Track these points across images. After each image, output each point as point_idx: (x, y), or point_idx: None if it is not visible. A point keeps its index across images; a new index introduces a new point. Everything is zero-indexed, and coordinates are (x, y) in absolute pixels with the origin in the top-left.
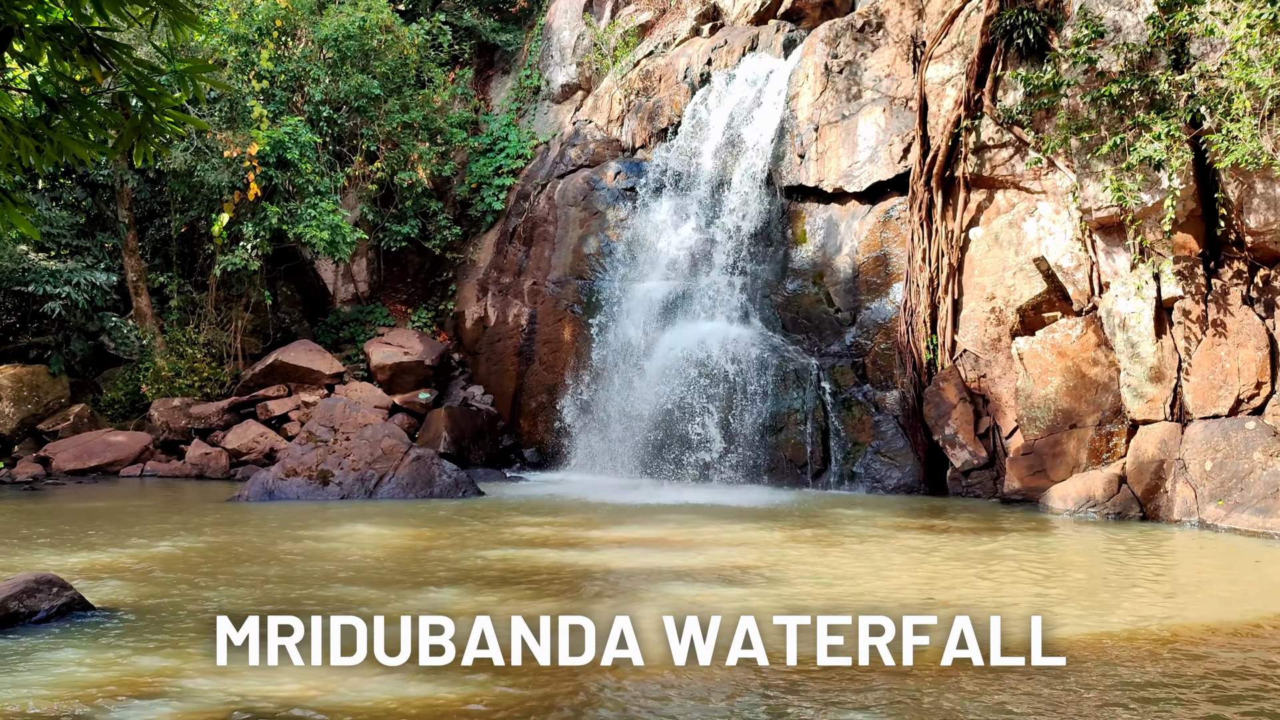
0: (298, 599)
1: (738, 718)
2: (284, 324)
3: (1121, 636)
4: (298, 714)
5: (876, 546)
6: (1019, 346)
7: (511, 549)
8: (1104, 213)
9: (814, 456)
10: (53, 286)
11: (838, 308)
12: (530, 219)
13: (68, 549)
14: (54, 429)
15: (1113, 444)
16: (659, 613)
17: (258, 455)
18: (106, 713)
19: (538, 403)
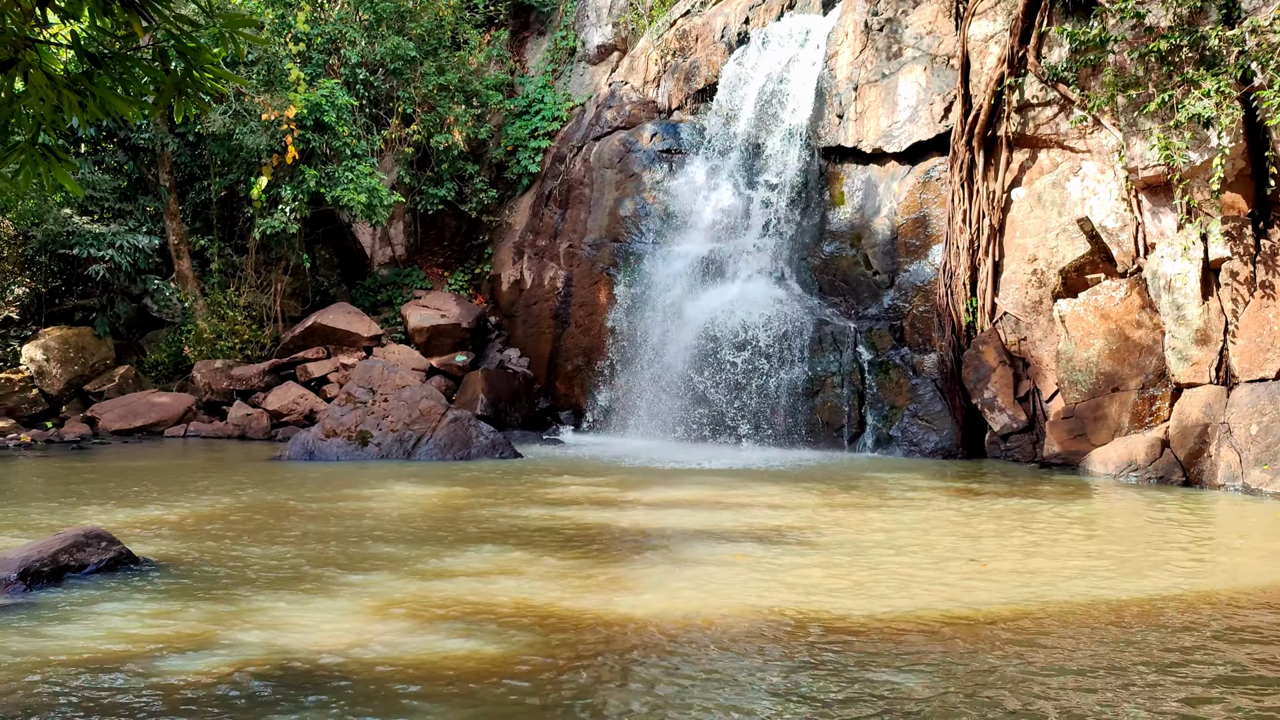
0: (338, 555)
1: (772, 671)
2: (322, 287)
3: (1159, 598)
4: (339, 667)
5: (914, 509)
6: (1061, 309)
7: (548, 509)
8: (1150, 172)
9: (850, 420)
10: (96, 249)
11: (876, 270)
12: (566, 181)
13: (115, 506)
14: (100, 390)
15: (1155, 408)
16: (694, 571)
17: (298, 416)
18: (154, 662)
19: (573, 365)
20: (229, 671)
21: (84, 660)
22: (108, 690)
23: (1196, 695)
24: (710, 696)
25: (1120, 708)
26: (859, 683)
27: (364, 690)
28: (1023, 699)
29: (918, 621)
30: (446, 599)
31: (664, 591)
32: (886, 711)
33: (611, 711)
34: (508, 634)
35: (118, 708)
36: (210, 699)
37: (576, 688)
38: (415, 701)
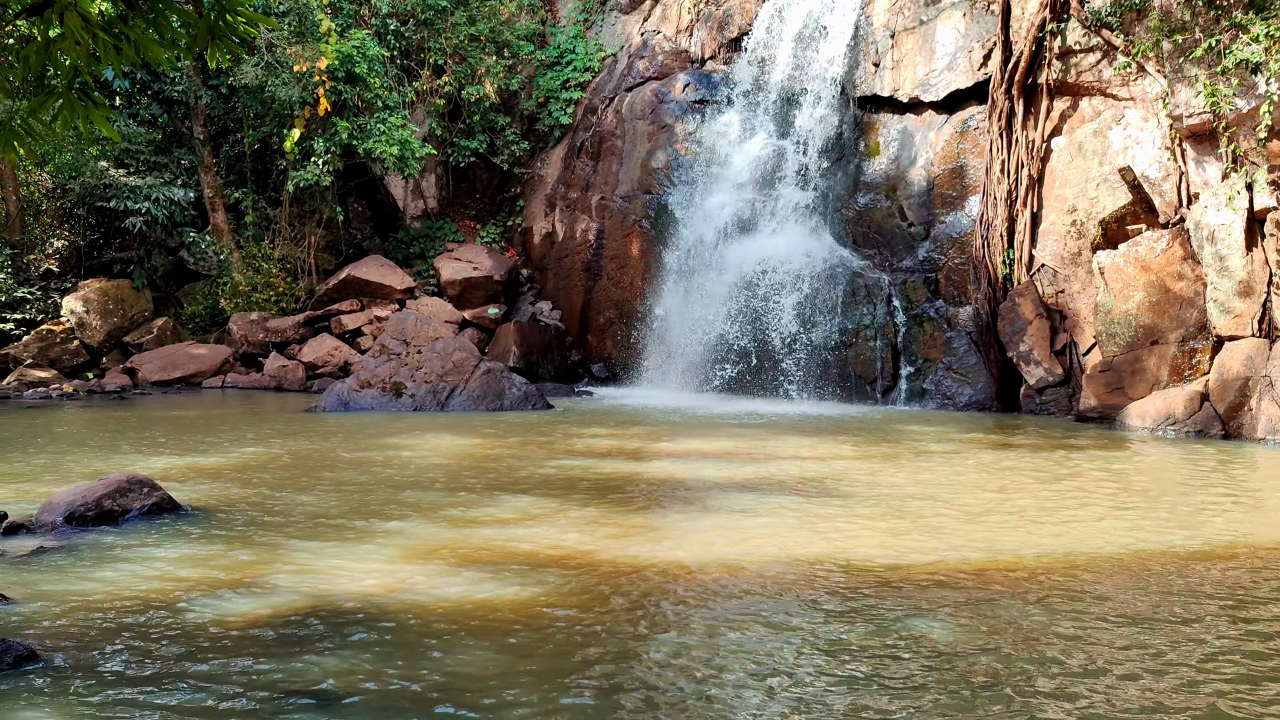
0: (375, 502)
1: (803, 617)
2: (355, 240)
3: (1195, 550)
4: (378, 609)
5: (947, 461)
6: (1100, 260)
7: (580, 459)
8: (1195, 120)
9: (883, 373)
10: (133, 202)
11: (911, 222)
12: (598, 133)
13: (156, 453)
14: (139, 341)
15: (1195, 361)
16: (726, 520)
17: (332, 368)
18: (196, 603)
19: (605, 318)
20: (269, 613)
21: (128, 600)
22: (151, 629)
23: (1226, 645)
24: (739, 641)
25: (1149, 655)
26: (891, 630)
27: (403, 631)
28: (1055, 646)
29: (950, 570)
30: (482, 545)
31: (695, 539)
32: (917, 657)
33: (643, 654)
34: (542, 579)
35: (161, 646)
36: (252, 639)
37: (609, 631)
38: (453, 642)
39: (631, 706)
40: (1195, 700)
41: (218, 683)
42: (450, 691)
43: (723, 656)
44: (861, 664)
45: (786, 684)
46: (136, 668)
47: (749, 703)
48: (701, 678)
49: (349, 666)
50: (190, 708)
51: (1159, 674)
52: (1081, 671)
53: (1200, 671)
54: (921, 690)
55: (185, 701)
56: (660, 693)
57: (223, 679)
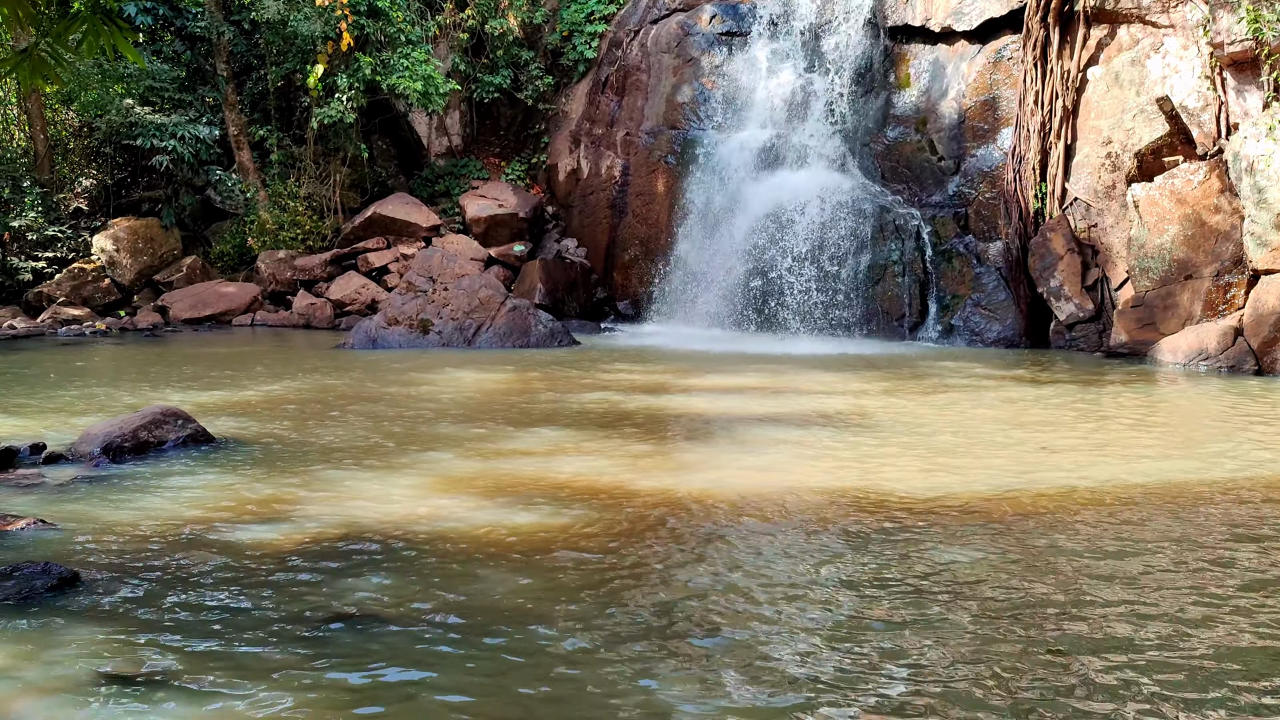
0: (405, 435)
1: (828, 545)
2: (380, 178)
3: (1224, 482)
4: (410, 536)
5: (975, 396)
6: (1135, 193)
7: (607, 394)
8: (1237, 47)
9: (911, 309)
10: (159, 140)
11: (941, 155)
12: (623, 67)
13: (189, 389)
14: (169, 280)
15: (1230, 295)
16: (753, 452)
17: (360, 306)
18: (232, 531)
19: (631, 255)
20: (303, 540)
21: (165, 527)
22: (188, 554)
23: (1252, 572)
24: (765, 566)
25: (1167, 578)
26: (915, 556)
27: (434, 556)
28: (1075, 571)
29: (977, 501)
30: (511, 475)
31: (723, 470)
32: (940, 581)
33: (672, 578)
34: (572, 508)
35: (198, 571)
36: (287, 564)
37: (639, 557)
38: (484, 567)
39: (661, 626)
40: (1216, 626)
41: (253, 605)
42: (481, 614)
43: (750, 581)
44: (888, 590)
45: (813, 606)
46: (175, 591)
47: (776, 623)
48: (730, 601)
49: (382, 591)
50: (226, 629)
51: (1181, 598)
52: (1104, 598)
53: (1223, 600)
54: (944, 611)
55: (221, 622)
56: (690, 614)
57: (258, 602)
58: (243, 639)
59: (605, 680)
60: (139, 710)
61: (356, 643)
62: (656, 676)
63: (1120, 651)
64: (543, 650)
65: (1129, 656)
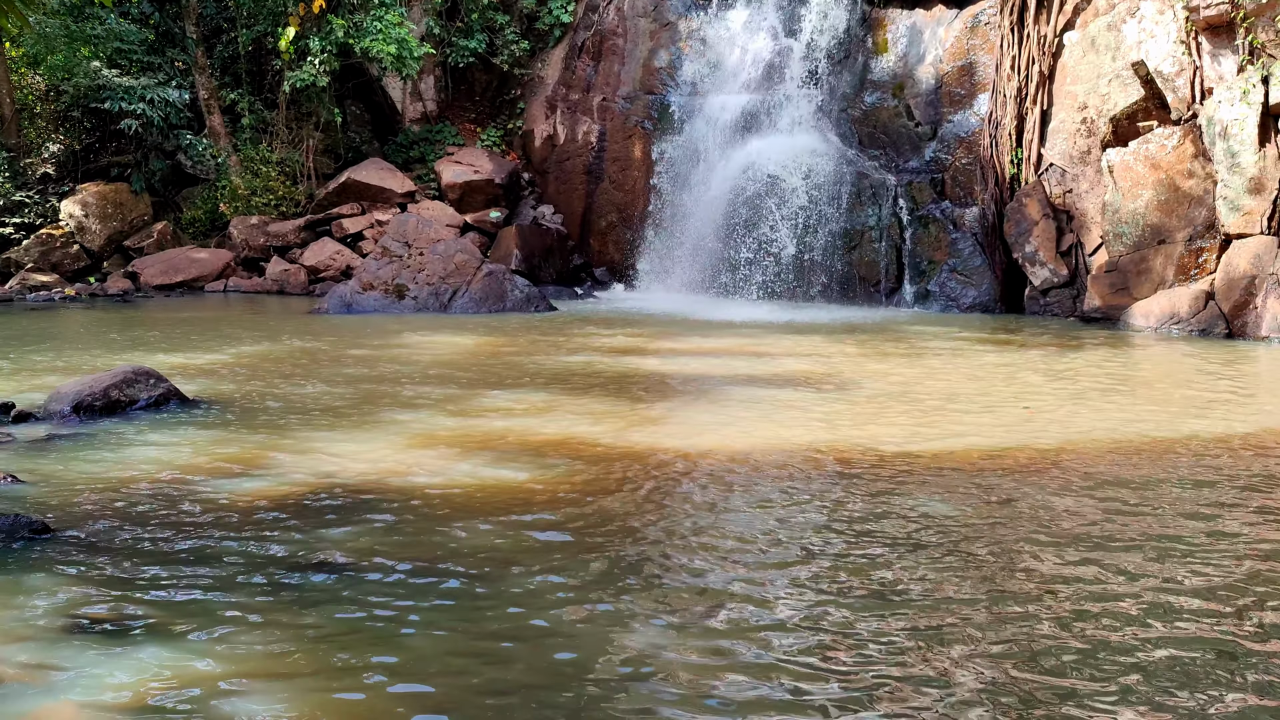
0: (380, 395)
1: (806, 497)
2: (354, 144)
3: (1191, 437)
4: (384, 490)
5: (951, 359)
6: (1110, 158)
7: (584, 356)
8: (1213, 10)
9: (888, 274)
10: (128, 103)
11: (918, 121)
12: (599, 32)
13: (161, 351)
14: (139, 246)
15: (1202, 260)
16: (730, 411)
17: (334, 272)
18: (206, 486)
19: (608, 221)
20: (278, 493)
21: (138, 482)
22: (162, 508)
23: (1208, 509)
24: (743, 518)
25: (1133, 525)
26: (891, 508)
27: (411, 509)
28: (1045, 519)
29: (950, 456)
30: (488, 433)
31: (702, 429)
32: (915, 528)
33: (650, 529)
34: (549, 463)
35: (172, 523)
36: (262, 516)
37: (615, 509)
38: (461, 518)
39: (639, 574)
40: (1173, 566)
41: (229, 556)
42: (459, 561)
43: (730, 532)
44: (868, 537)
45: (792, 552)
46: (148, 542)
47: (756, 572)
48: (711, 551)
49: (359, 541)
50: (201, 577)
51: (1148, 543)
52: (1080, 542)
53: (1188, 544)
54: (923, 555)
55: (196, 572)
56: (669, 563)
57: (234, 552)
58: (217, 587)
59: (577, 624)
60: (115, 654)
61: (331, 590)
62: (629, 620)
63: (1085, 585)
64: (516, 595)
65: (1093, 590)
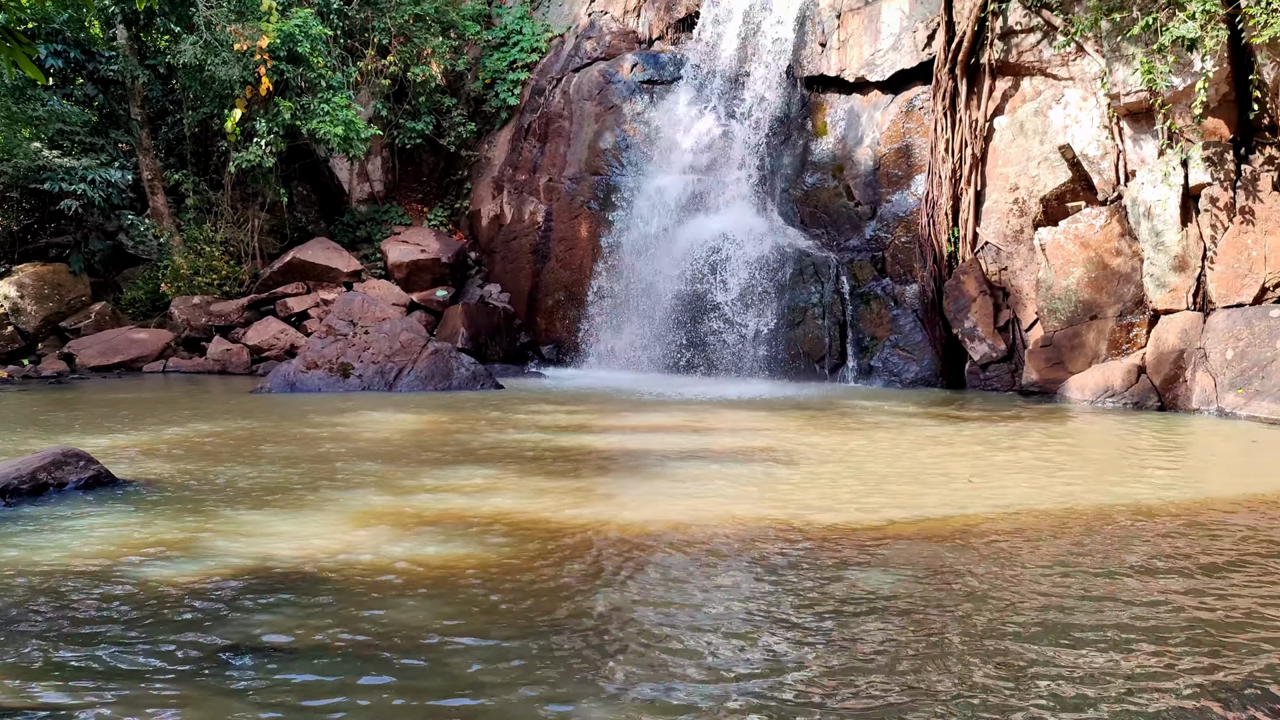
0: (320, 474)
1: (746, 571)
2: (300, 224)
3: (1125, 506)
4: (322, 571)
5: (893, 433)
6: (1041, 237)
7: (529, 433)
8: (1133, 98)
9: (831, 351)
10: (68, 184)
11: (857, 201)
12: (545, 114)
13: (94, 433)
14: (76, 327)
15: (1133, 335)
16: (673, 486)
17: (278, 351)
18: (137, 570)
19: (555, 300)
20: (211, 576)
21: (66, 568)
22: (85, 591)
23: (1145, 574)
24: (681, 595)
25: (1077, 594)
26: (832, 580)
27: (348, 589)
28: (987, 590)
29: (895, 529)
30: (429, 511)
31: (644, 503)
32: (855, 603)
33: (589, 606)
34: (490, 540)
35: (102, 611)
36: (191, 599)
37: (555, 586)
38: (399, 598)
39: (576, 655)
40: (1117, 633)
41: (154, 639)
42: (395, 641)
43: (667, 608)
44: (807, 614)
45: (731, 633)
46: (69, 625)
47: (692, 649)
48: (648, 628)
49: (292, 622)
50: (124, 662)
51: (1085, 610)
52: (1025, 611)
53: (1121, 604)
54: (864, 639)
55: (119, 656)
56: (606, 642)
57: (159, 636)
58: (142, 672)
59: (518, 706)
60: None
61: (263, 674)
62: (567, 700)
63: (1027, 644)
64: (454, 675)
65: (1030, 651)
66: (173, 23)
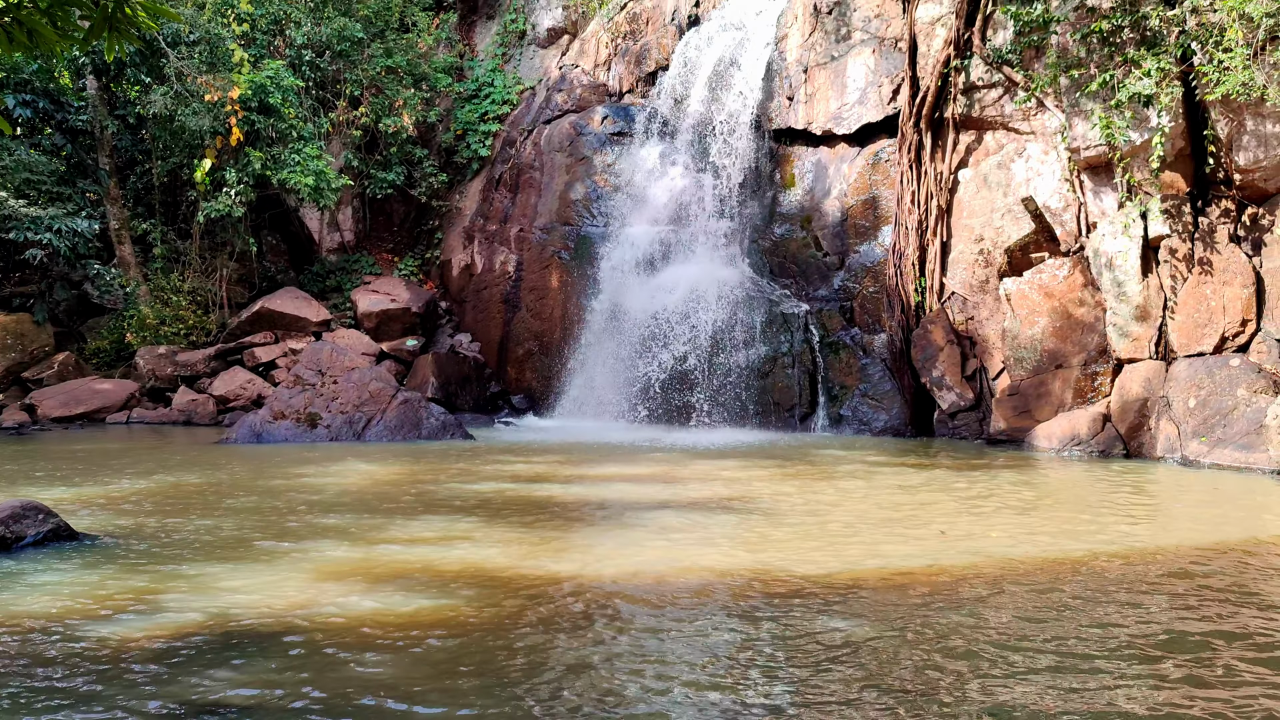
0: (285, 526)
1: (717, 621)
2: (269, 273)
3: (1093, 555)
4: (285, 626)
5: (862, 482)
6: (1006, 287)
7: (499, 484)
8: (1092, 152)
9: (802, 400)
10: (34, 233)
11: (826, 251)
12: (516, 165)
13: (54, 485)
14: (39, 377)
15: (1098, 383)
16: (644, 536)
17: (245, 401)
18: (93, 625)
19: (525, 349)
20: (171, 632)
21: (17, 621)
22: (43, 649)
23: (1109, 623)
24: (653, 646)
25: (1045, 645)
26: (803, 632)
27: (312, 645)
28: (959, 641)
29: (867, 578)
30: (395, 563)
31: (614, 554)
32: (826, 654)
33: (559, 661)
34: (459, 593)
35: (58, 670)
36: (152, 656)
37: (525, 641)
38: (363, 654)
39: (549, 710)
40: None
41: (114, 699)
42: (355, 700)
43: (639, 662)
44: (778, 666)
45: (704, 687)
46: (24, 682)
47: (662, 708)
48: (618, 683)
49: (254, 679)
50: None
51: (1056, 662)
52: (997, 669)
53: (1099, 659)
54: (836, 688)
55: (75, 715)
56: (581, 695)
57: (116, 694)
58: None
59: None
60: None
61: None
62: None
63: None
64: None
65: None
66: (144, 73)
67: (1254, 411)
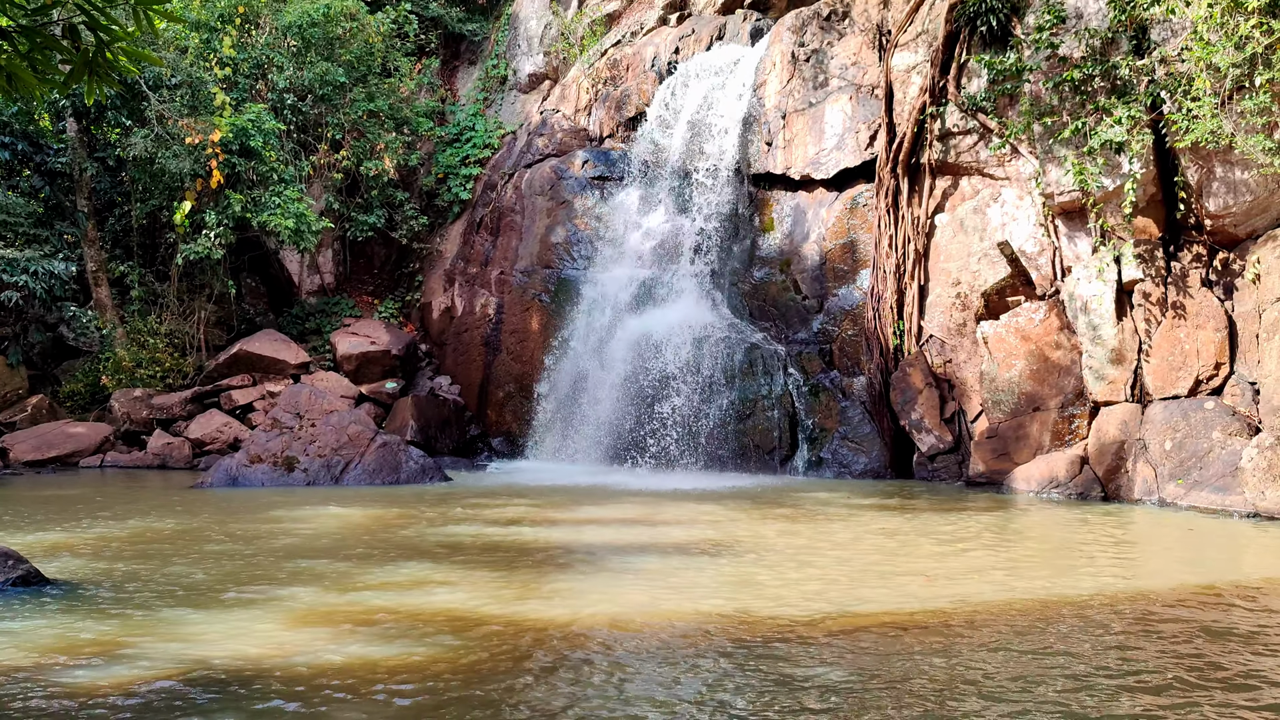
0: (260, 572)
1: (697, 667)
2: (248, 315)
3: (1082, 599)
4: (257, 674)
5: (841, 525)
6: (984, 331)
7: (478, 527)
8: (1066, 197)
9: (781, 443)
10: (9, 275)
11: (805, 295)
12: (497, 209)
13: (25, 530)
14: (11, 420)
15: (1075, 426)
16: (623, 580)
17: (222, 444)
18: (65, 673)
19: (505, 392)
20: (142, 680)
21: None
22: (14, 703)
23: (1084, 674)
24: (634, 691)
25: (1021, 691)
26: (782, 678)
27: (284, 695)
28: (937, 686)
29: (842, 623)
30: (374, 609)
31: (593, 598)
32: (808, 700)
33: (539, 707)
34: (437, 639)
35: (21, 713)
36: (123, 706)
37: (504, 687)
38: (338, 702)
39: None
40: None
41: None
42: None
43: (618, 708)
44: (763, 710)
45: None
46: None
47: None
48: None
49: None
50: None
51: (1036, 702)
52: (982, 706)
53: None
54: None
55: None
56: None
57: None
58: None
59: None
60: None
61: None
62: None
63: None
64: None
65: None
66: (124, 116)
67: (1229, 454)
